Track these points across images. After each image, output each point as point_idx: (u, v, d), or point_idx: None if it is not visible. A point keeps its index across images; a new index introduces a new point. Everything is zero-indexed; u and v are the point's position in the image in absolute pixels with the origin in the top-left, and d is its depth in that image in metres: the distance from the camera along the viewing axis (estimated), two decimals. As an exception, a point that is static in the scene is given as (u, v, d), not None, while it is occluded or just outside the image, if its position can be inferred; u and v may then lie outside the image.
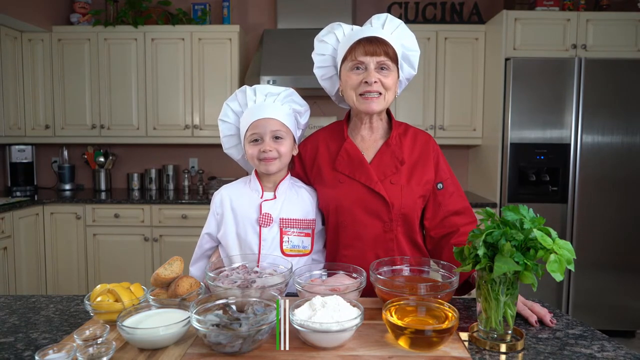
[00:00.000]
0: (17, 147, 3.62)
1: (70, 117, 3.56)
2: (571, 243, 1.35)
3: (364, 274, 1.13)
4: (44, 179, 3.94)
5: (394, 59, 1.29)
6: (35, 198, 3.29)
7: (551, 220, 3.07)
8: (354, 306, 0.96)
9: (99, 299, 1.03)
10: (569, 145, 3.09)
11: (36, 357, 0.81)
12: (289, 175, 1.40)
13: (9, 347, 0.95)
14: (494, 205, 3.21)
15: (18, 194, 3.48)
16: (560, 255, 0.86)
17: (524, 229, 0.91)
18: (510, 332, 0.94)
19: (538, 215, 0.94)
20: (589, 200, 3.09)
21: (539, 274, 0.89)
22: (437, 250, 1.36)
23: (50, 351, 0.83)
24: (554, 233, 0.90)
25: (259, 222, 1.31)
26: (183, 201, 3.30)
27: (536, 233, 0.88)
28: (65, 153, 3.79)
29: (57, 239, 3.32)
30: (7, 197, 3.26)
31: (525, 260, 0.88)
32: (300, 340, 0.94)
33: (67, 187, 3.76)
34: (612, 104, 3.05)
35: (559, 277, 0.85)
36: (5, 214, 2.93)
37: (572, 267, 0.86)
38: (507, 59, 3.14)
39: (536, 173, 3.12)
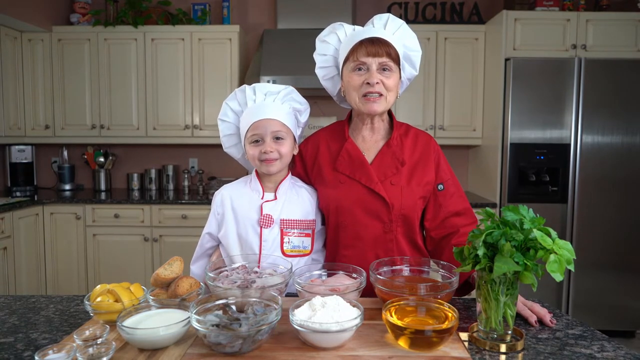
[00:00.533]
0: (17, 147, 3.62)
1: (70, 117, 3.56)
2: (571, 243, 1.35)
3: (364, 274, 1.13)
4: (44, 179, 3.94)
5: (396, 59, 1.29)
6: (35, 198, 3.29)
7: (551, 220, 3.07)
8: (353, 306, 0.96)
9: (99, 299, 1.03)
10: (569, 145, 3.09)
11: (36, 357, 0.81)
12: (290, 175, 1.40)
13: (9, 347, 0.95)
14: (494, 206, 3.21)
15: (18, 194, 3.48)
16: (560, 255, 0.86)
17: (524, 229, 0.91)
18: (510, 332, 0.94)
19: (538, 215, 0.93)
20: (589, 200, 3.09)
21: (538, 274, 0.89)
22: (437, 251, 1.36)
23: (50, 351, 0.83)
24: (553, 233, 0.90)
25: (260, 223, 1.31)
26: (183, 201, 3.30)
27: (536, 233, 0.87)
28: (65, 153, 3.79)
29: (57, 239, 3.32)
30: (7, 197, 3.26)
31: (525, 261, 0.88)
32: (300, 340, 0.94)
33: (67, 187, 3.76)
34: (612, 104, 3.05)
35: (558, 277, 0.85)
36: (5, 214, 2.93)
37: (572, 267, 0.86)
38: (507, 59, 3.14)
39: (536, 173, 3.12)
